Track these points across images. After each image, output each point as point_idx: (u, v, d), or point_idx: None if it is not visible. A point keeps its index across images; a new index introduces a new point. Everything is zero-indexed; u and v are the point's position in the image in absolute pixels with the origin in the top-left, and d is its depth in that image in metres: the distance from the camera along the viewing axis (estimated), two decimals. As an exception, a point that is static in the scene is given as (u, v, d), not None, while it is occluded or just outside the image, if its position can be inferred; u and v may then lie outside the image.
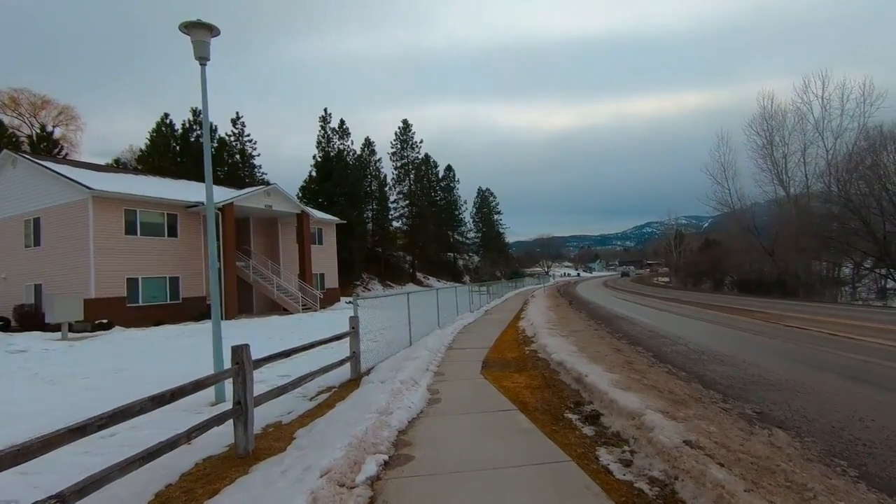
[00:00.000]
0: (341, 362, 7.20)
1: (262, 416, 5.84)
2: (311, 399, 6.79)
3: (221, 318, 20.89)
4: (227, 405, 6.83)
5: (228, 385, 7.02)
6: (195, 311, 22.71)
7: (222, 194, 25.65)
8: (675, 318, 16.61)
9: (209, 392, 6.49)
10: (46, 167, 21.50)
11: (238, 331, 17.30)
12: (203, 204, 22.94)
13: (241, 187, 32.43)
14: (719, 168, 42.89)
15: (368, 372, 7.92)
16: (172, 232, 22.84)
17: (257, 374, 6.82)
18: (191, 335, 16.12)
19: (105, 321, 18.87)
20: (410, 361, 7.87)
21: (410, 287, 61.45)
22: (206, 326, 19.43)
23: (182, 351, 12.92)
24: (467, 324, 15.95)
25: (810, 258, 36.87)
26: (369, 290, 54.89)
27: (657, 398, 5.27)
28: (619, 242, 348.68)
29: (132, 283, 21.02)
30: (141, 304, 21.20)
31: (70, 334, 17.04)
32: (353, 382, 7.42)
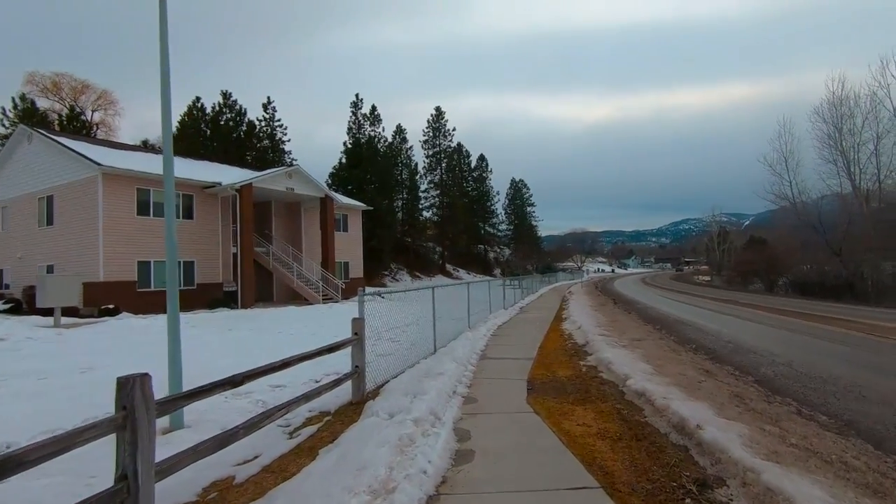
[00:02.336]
0: (335, 384, 5.21)
1: (218, 462, 3.97)
2: (291, 436, 4.87)
3: (238, 306, 19.36)
4: (187, 435, 5.05)
5: (206, 405, 5.24)
6: (210, 297, 21.39)
7: (241, 175, 24.25)
8: (746, 324, 14.07)
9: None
10: (60, 143, 20.44)
11: (245, 322, 15.74)
12: (221, 184, 21.55)
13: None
14: (779, 158, 39.02)
15: (377, 391, 5.98)
16: (188, 213, 21.52)
17: (245, 388, 5.01)
18: (194, 325, 14.61)
19: (111, 307, 17.65)
20: (432, 380, 5.87)
21: (439, 279, 59.64)
22: (217, 315, 18.01)
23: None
24: (501, 323, 13.86)
25: (883, 259, 33.07)
26: (398, 280, 53.37)
27: (844, 484, 3.10)
28: (654, 239, 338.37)
29: (143, 266, 19.79)
30: (152, 289, 19.96)
31: (72, 320, 15.85)
32: (354, 408, 5.48)
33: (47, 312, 15.34)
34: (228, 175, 24.09)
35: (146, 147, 36.72)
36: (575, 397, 5.69)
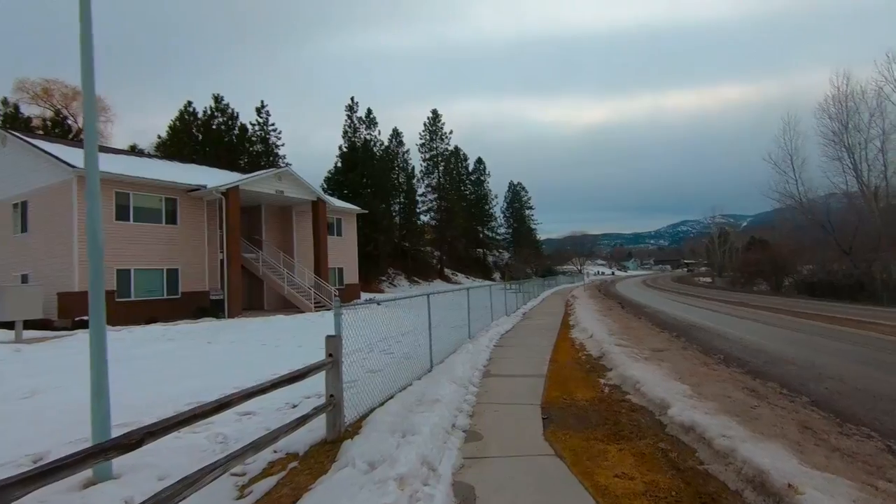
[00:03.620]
0: (300, 422, 4.06)
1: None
2: (242, 494, 3.74)
3: (225, 315, 18.15)
4: (111, 489, 3.96)
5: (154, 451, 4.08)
6: (195, 306, 20.24)
7: (230, 178, 23.14)
8: (768, 329, 12.98)
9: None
10: (34, 145, 19.34)
11: (228, 333, 14.59)
12: (206, 187, 20.46)
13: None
14: (784, 156, 38.04)
15: (360, 424, 4.86)
16: (172, 218, 20.38)
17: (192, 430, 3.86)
18: (171, 338, 13.46)
19: (86, 318, 16.46)
20: (426, 411, 4.76)
21: (438, 284, 58.47)
22: (199, 326, 16.86)
23: (148, 361, 10.20)
24: (505, 332, 12.74)
25: (894, 258, 32.09)
26: (395, 286, 52.22)
27: None
28: (652, 241, 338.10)
29: (123, 274, 18.64)
30: (133, 298, 18.81)
31: (41, 333, 14.70)
32: (329, 449, 4.36)
33: (12, 326, 14.20)
34: (216, 178, 22.99)
35: (134, 151, 35.59)
36: (604, 431, 4.57)
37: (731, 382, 6.36)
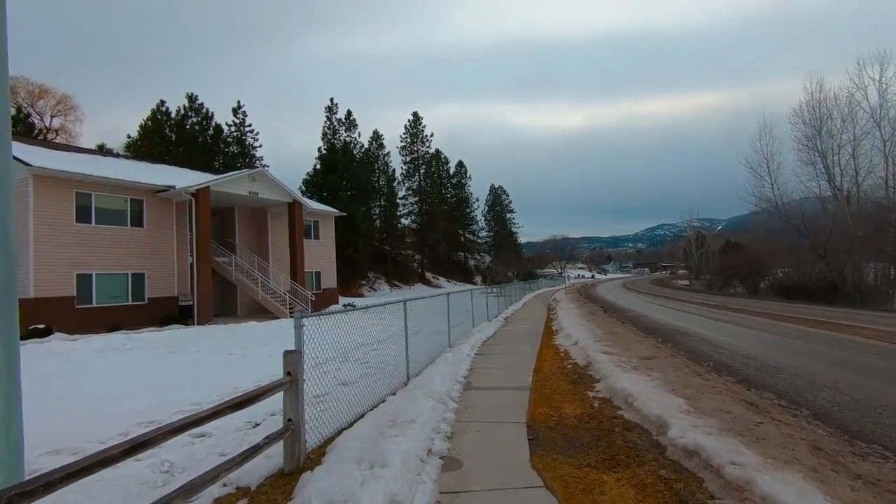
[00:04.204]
0: (248, 455, 3.47)
1: None
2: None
3: (194, 322, 17.26)
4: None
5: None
6: (163, 313, 19.27)
7: (200, 178, 22.21)
8: (753, 334, 12.78)
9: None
10: (-13, 142, 18.18)
11: (195, 342, 13.78)
12: (175, 188, 19.53)
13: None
14: (760, 160, 38.59)
15: (323, 450, 4.29)
16: (137, 220, 19.38)
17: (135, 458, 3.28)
18: (132, 347, 12.61)
19: (42, 327, 15.46)
20: (398, 436, 4.22)
21: (419, 288, 57.80)
22: (164, 335, 15.97)
23: (101, 374, 9.40)
24: (486, 339, 12.26)
25: (865, 261, 32.75)
26: (375, 290, 51.40)
27: None
28: (630, 244, 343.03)
29: (84, 279, 17.60)
30: (95, 304, 17.77)
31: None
32: (284, 483, 3.78)
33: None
34: (186, 179, 22.03)
35: (101, 151, 34.14)
36: (597, 455, 4.09)
37: (727, 394, 5.97)
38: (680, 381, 6.61)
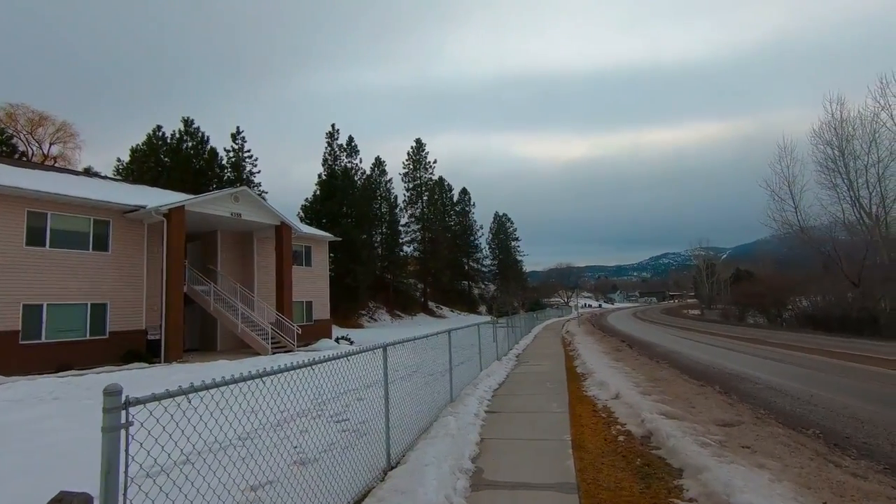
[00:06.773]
0: None
1: None
2: None
3: (160, 360, 14.60)
4: None
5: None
6: (125, 349, 16.87)
7: (177, 198, 20.17)
8: (828, 379, 10.24)
9: None
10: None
11: (144, 387, 11.35)
12: (146, 208, 17.41)
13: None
14: (781, 183, 36.36)
15: None
16: (101, 244, 17.20)
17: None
18: (58, 396, 10.19)
19: (-26, 364, 13.09)
20: None
21: (421, 318, 55.12)
22: (118, 376, 13.53)
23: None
24: (497, 387, 9.79)
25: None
26: (376, 320, 48.84)
27: None
28: (635, 273, 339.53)
29: (32, 311, 15.30)
30: (43, 340, 15.41)
31: None
32: None
33: None
34: (163, 199, 19.98)
35: (87, 173, 32.34)
36: None
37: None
38: (817, 477, 4.17)
